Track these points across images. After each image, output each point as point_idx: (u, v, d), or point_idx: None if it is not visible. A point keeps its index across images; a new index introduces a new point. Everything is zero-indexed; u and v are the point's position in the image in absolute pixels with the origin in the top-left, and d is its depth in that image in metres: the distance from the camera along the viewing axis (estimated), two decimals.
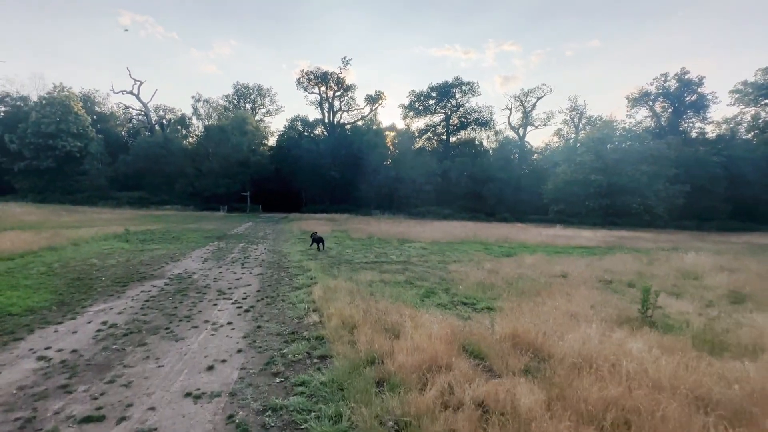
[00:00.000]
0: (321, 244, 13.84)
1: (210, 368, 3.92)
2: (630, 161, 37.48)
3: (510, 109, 70.32)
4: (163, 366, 3.95)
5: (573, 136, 67.31)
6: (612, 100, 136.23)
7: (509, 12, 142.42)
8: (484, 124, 66.08)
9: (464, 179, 58.29)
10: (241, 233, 20.70)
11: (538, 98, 66.77)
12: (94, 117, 61.36)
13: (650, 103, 62.02)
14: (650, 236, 27.46)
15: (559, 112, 68.07)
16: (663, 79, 60.27)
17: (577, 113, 66.58)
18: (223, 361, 4.13)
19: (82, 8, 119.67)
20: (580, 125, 66.77)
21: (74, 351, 4.23)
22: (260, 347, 4.54)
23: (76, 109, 51.84)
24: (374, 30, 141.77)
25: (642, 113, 62.97)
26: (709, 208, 42.52)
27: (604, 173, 37.55)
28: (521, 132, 69.64)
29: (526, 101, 67.88)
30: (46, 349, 4.29)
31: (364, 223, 29.51)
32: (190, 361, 4.09)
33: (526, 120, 68.56)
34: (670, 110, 60.26)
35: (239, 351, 4.41)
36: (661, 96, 60.61)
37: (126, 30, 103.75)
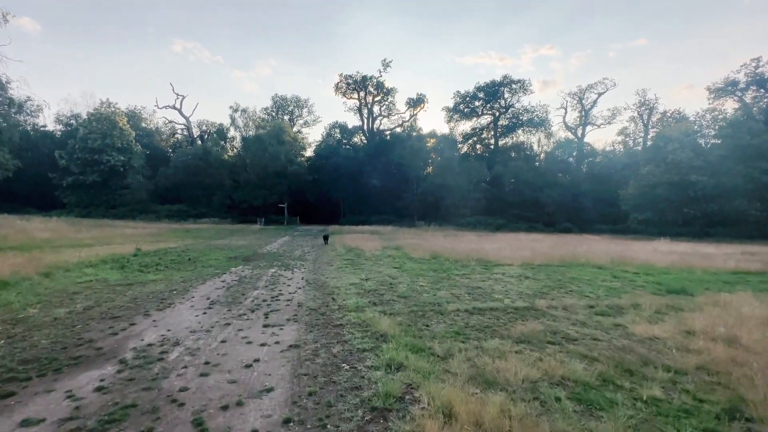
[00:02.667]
0: (326, 240, 19.45)
1: None
2: (741, 157, 30.26)
3: (565, 108, 63.69)
4: None
5: (642, 135, 59.47)
6: (666, 100, 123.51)
7: (546, 15, 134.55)
8: (538, 124, 59.87)
9: (518, 186, 52.42)
10: (275, 251, 16.93)
11: (600, 94, 59.84)
12: (139, 132, 62.33)
13: (739, 93, 53.02)
14: None
15: (625, 108, 60.26)
16: (754, 65, 51.18)
17: (647, 109, 58.64)
18: None
19: (140, 38, 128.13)
20: (650, 123, 58.77)
21: None
22: None
23: (121, 124, 52.28)
24: (406, 42, 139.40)
25: (729, 105, 54.04)
26: None
27: (706, 173, 30.57)
28: (579, 132, 62.63)
29: (585, 98, 60.96)
30: None
31: (416, 237, 25.04)
32: None
33: (585, 119, 61.52)
34: (766, 99, 51.02)
35: None
36: (754, 84, 51.51)
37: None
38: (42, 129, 59.87)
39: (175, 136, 69.65)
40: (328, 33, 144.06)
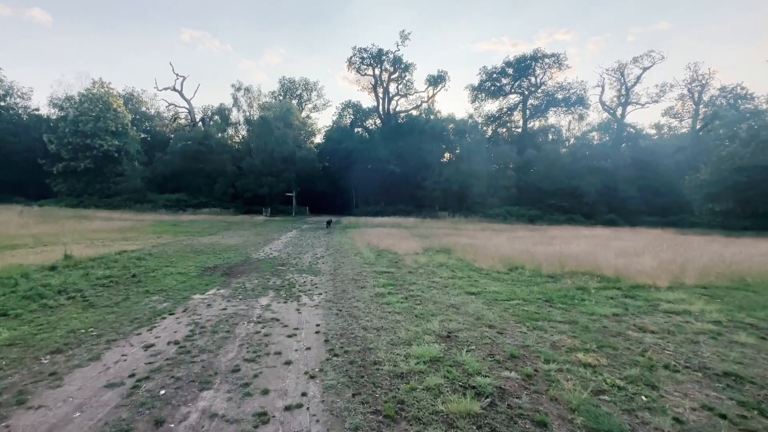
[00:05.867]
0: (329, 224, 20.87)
1: None
2: None
3: (602, 86, 56.88)
4: None
5: (692, 114, 52.80)
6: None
7: None
8: (576, 103, 53.47)
9: (553, 172, 46.47)
10: (275, 256, 11.97)
11: (645, 69, 52.92)
12: (138, 116, 58.09)
13: None
14: None
15: (672, 85, 53.29)
16: None
17: (698, 85, 51.81)
18: None
19: (147, 26, 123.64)
20: (702, 100, 51.95)
21: None
22: None
23: (115, 106, 47.86)
24: (417, 28, 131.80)
25: None
26: None
27: None
28: (619, 113, 56.03)
29: (626, 73, 54.16)
30: None
31: (456, 233, 19.87)
32: None
33: (627, 97, 54.83)
34: None
35: None
36: None
37: None
38: (34, 113, 55.68)
39: (177, 121, 65.15)
40: (336, 20, 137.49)
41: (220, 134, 54.31)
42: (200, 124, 59.68)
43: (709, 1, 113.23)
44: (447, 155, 54.29)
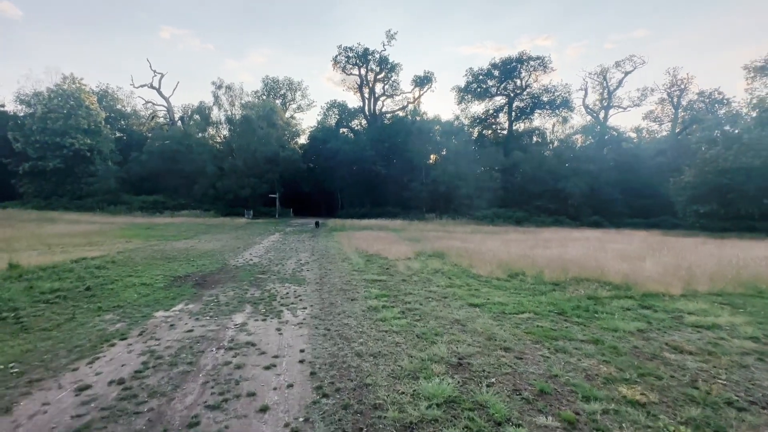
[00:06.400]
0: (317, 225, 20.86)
1: None
2: None
3: (585, 89, 57.81)
4: None
5: (671, 118, 54.04)
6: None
7: (544, 4, 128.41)
8: (561, 105, 53.91)
9: (540, 174, 46.56)
10: (255, 262, 10.99)
11: (627, 73, 53.91)
12: (113, 114, 55.70)
13: None
14: None
15: (653, 89, 54.45)
16: None
17: (677, 90, 53.05)
18: None
19: (127, 24, 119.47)
20: (681, 104, 53.22)
21: None
22: None
23: (87, 103, 45.53)
24: (403, 31, 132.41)
25: None
26: None
27: None
28: (601, 116, 56.89)
29: (608, 77, 55.03)
30: None
31: (447, 236, 19.19)
32: None
33: (610, 101, 55.74)
34: None
35: None
36: None
37: None
38: None
39: (155, 119, 62.71)
40: (322, 22, 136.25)
41: (200, 134, 52.42)
42: (179, 123, 57.61)
43: (685, 9, 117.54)
44: (433, 157, 53.92)
